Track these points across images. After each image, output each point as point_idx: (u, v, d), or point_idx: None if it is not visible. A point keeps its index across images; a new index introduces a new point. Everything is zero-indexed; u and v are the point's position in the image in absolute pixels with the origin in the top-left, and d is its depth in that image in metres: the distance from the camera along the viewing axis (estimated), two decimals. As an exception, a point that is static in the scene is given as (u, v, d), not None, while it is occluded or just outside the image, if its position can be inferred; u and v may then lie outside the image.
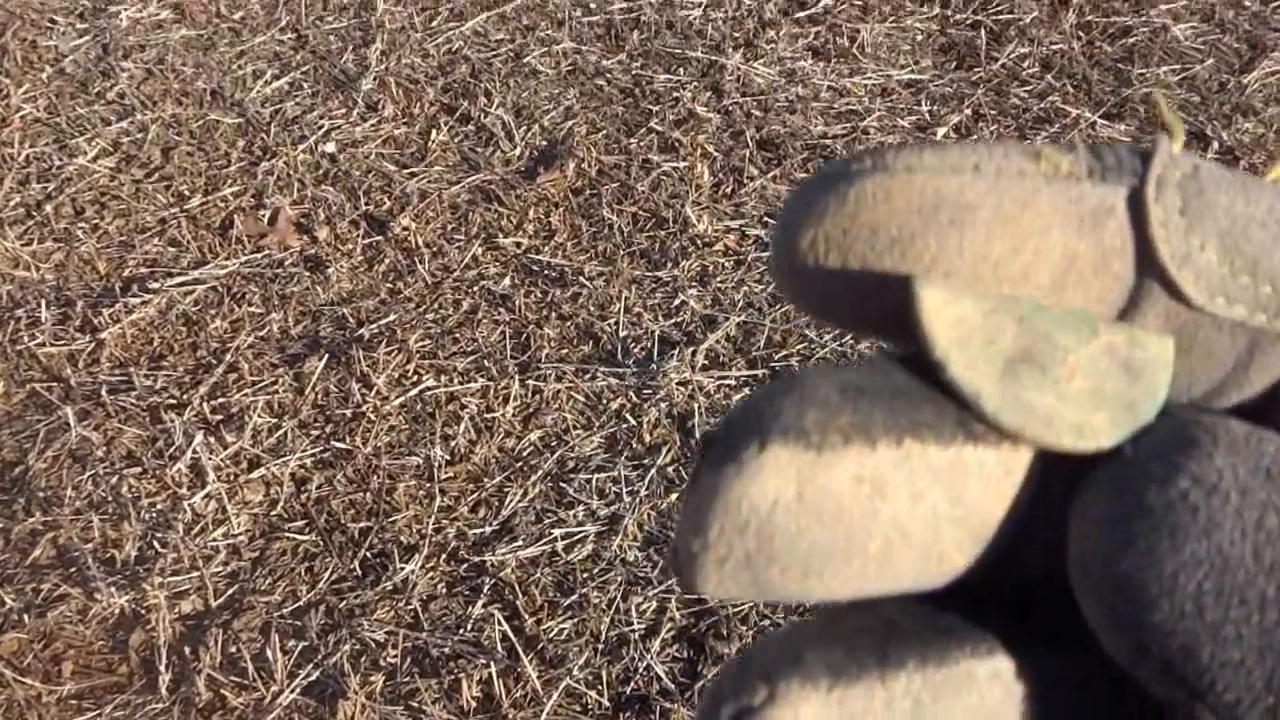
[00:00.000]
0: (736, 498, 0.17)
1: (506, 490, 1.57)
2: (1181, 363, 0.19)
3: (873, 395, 0.18)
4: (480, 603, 1.45)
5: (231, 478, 1.61)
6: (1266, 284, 0.19)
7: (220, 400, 1.71)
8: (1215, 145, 2.09)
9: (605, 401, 1.68)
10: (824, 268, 0.19)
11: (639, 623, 1.42)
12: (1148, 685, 0.17)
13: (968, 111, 2.18)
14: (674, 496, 1.55)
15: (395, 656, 1.40)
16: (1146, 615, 0.16)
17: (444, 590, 1.47)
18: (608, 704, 1.36)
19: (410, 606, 1.45)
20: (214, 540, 1.54)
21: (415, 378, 1.72)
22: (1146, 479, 0.17)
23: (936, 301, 0.18)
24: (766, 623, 1.41)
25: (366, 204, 2.01)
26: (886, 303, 0.19)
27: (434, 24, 2.39)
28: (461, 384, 1.71)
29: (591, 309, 1.81)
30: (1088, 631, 0.18)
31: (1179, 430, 0.18)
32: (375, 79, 2.25)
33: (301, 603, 1.47)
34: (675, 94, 2.20)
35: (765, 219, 1.96)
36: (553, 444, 1.63)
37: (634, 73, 2.26)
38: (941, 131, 2.13)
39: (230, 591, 1.49)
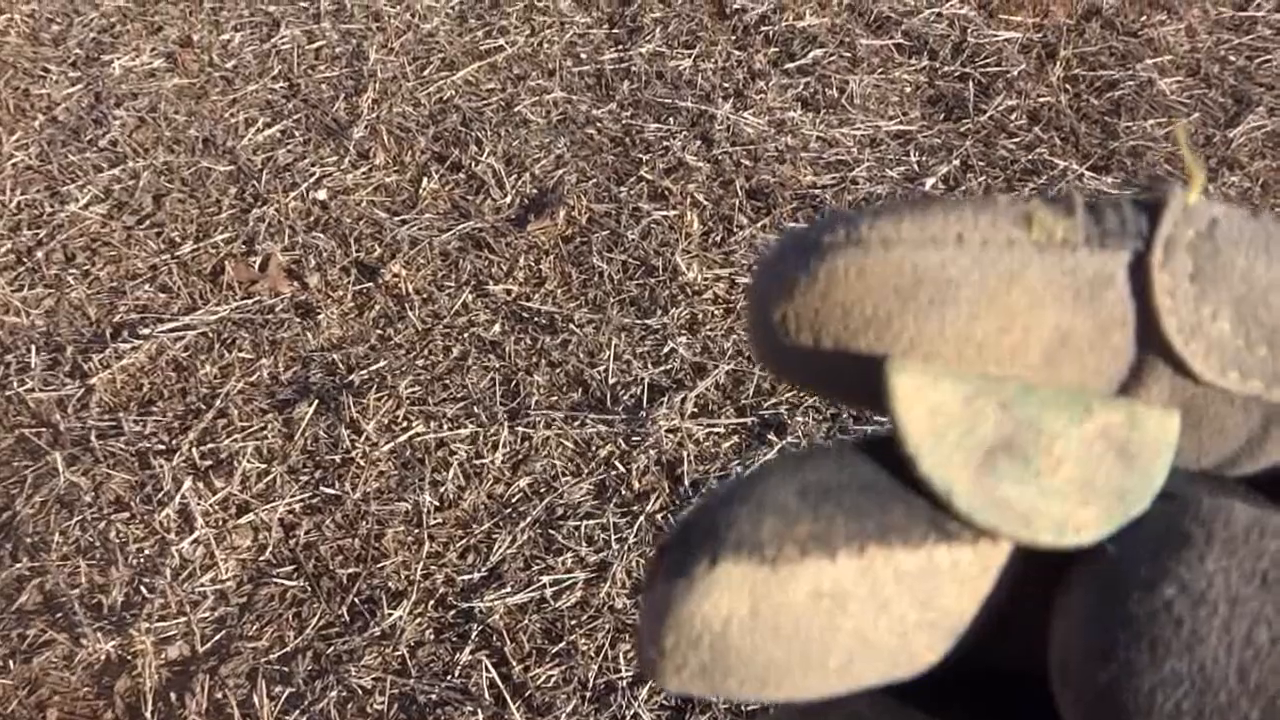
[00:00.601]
0: (689, 614, 0.16)
1: (495, 537, 1.57)
2: (1189, 437, 0.18)
3: (836, 497, 0.17)
4: (468, 649, 1.44)
5: (220, 523, 1.61)
6: None
7: (209, 445, 1.71)
8: (1198, 196, 2.12)
9: (594, 448, 1.68)
10: (795, 344, 0.18)
11: (627, 670, 1.42)
12: None
13: (956, 162, 2.21)
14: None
15: (382, 703, 1.39)
16: None
17: (432, 636, 1.47)
18: (596, 752, 1.35)
19: (398, 653, 1.44)
20: (202, 586, 1.53)
21: (405, 424, 1.72)
22: (1130, 584, 0.16)
23: (910, 388, 0.17)
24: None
25: (357, 251, 2.02)
26: (864, 381, 0.18)
27: (425, 73, 2.42)
28: (451, 430, 1.71)
29: (581, 356, 1.82)
30: None
31: (1172, 524, 0.16)
32: (367, 127, 2.27)
33: (289, 649, 1.46)
34: (665, 143, 2.23)
35: (754, 267, 1.97)
36: (541, 491, 1.63)
37: (624, 122, 2.29)
38: (930, 182, 2.15)
39: (217, 637, 1.48)
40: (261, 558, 1.57)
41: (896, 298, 0.17)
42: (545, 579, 1.51)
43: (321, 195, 2.14)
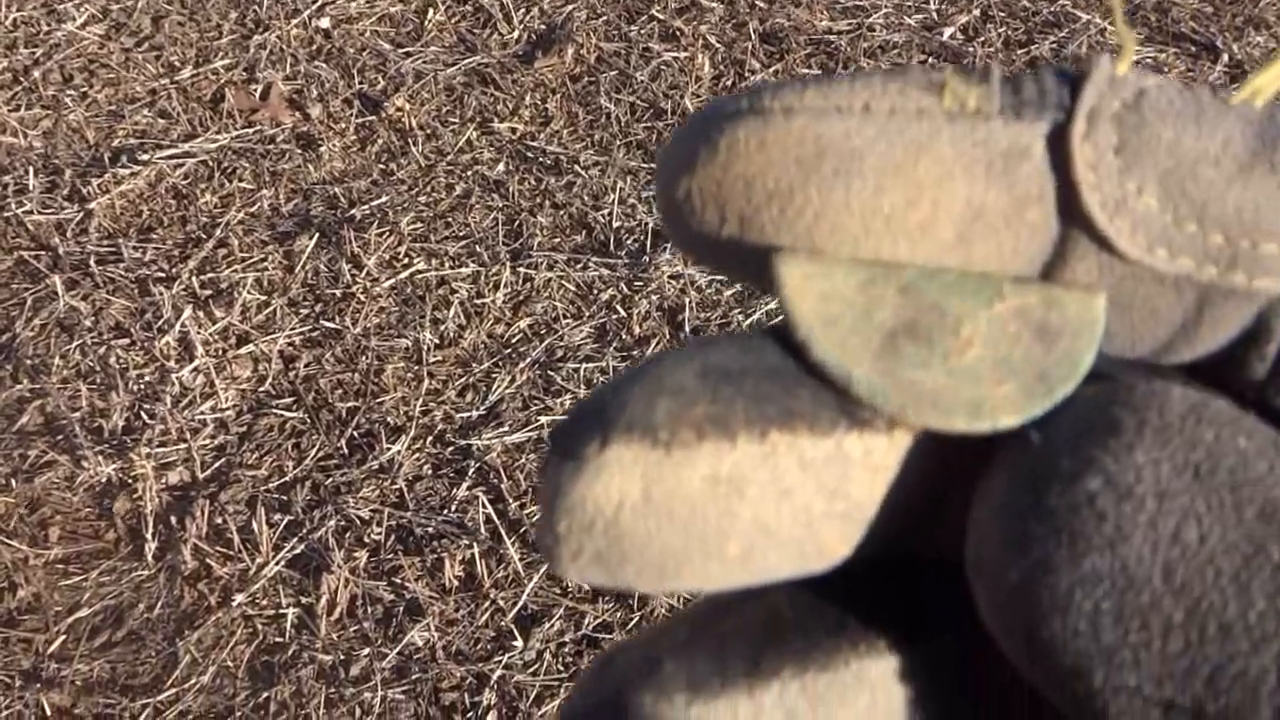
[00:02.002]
0: (579, 497, 0.16)
1: (494, 376, 1.58)
2: (1120, 321, 0.17)
3: (739, 380, 0.16)
4: (465, 485, 1.46)
5: (220, 353, 1.61)
6: (1217, 232, 0.16)
7: (209, 275, 1.70)
8: (1225, 58, 2.06)
9: (596, 292, 1.67)
10: (701, 222, 0.17)
11: (621, 510, 1.44)
12: (1044, 694, 0.15)
13: (976, 12, 2.14)
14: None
15: (379, 534, 1.42)
16: (1037, 629, 0.15)
17: (429, 471, 1.49)
18: (587, 588, 1.38)
19: (395, 486, 1.46)
20: (201, 414, 1.54)
21: (406, 260, 1.71)
22: (1051, 474, 0.15)
23: (800, 276, 0.16)
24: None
25: (360, 83, 1.98)
26: (768, 265, 0.17)
27: (434, -101, 2.33)
28: (452, 268, 1.70)
29: (585, 198, 1.80)
30: None
31: (1101, 409, 0.15)
32: (372, -46, 2.20)
33: (288, 478, 1.48)
34: (679, -18, 2.16)
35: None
36: (542, 332, 1.63)
37: (638, -42, 2.21)
38: (949, 32, 2.09)
39: (217, 464, 1.50)
40: (261, 388, 1.58)
41: (799, 169, 0.16)
42: (543, 419, 1.52)
43: (324, 23, 2.08)
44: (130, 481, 1.47)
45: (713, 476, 0.15)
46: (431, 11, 2.10)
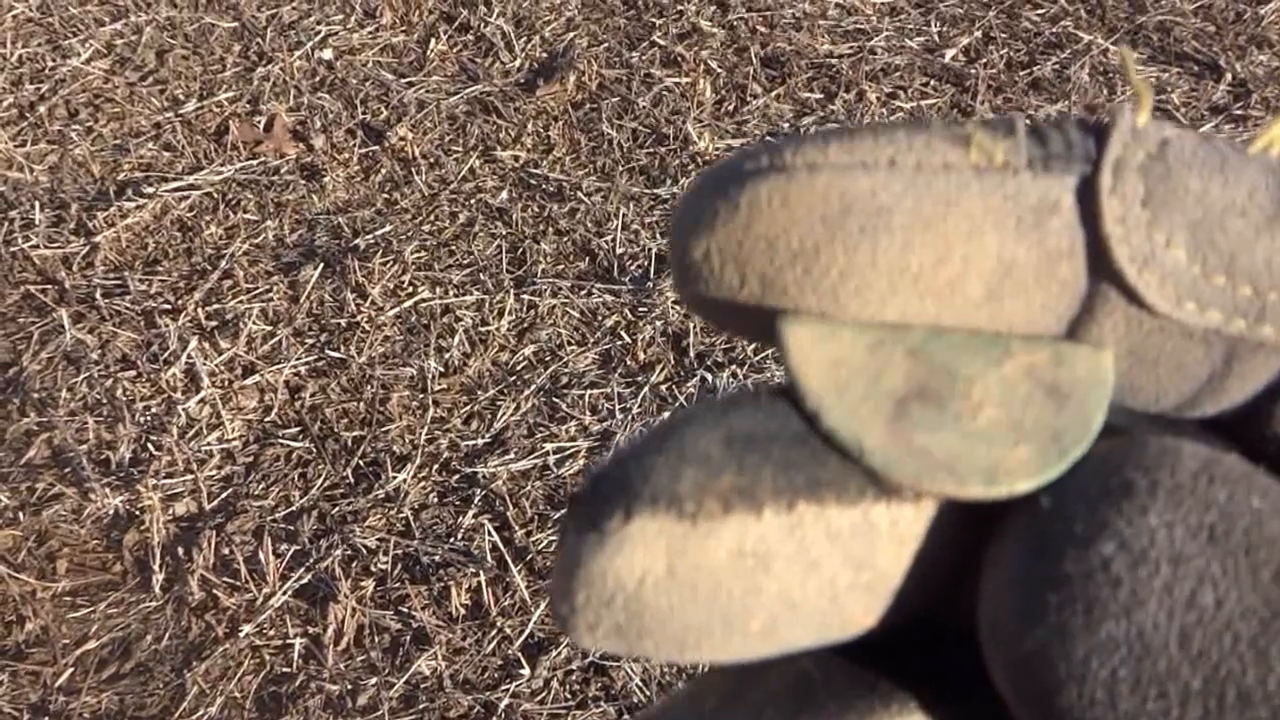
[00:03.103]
0: (600, 571, 0.15)
1: (499, 403, 1.58)
2: (1147, 376, 0.17)
3: (765, 447, 0.15)
4: (471, 513, 1.46)
5: (226, 383, 1.61)
6: (1246, 284, 0.16)
7: (215, 306, 1.70)
8: (1229, 77, 2.06)
9: (600, 318, 1.67)
10: (719, 282, 0.16)
11: (628, 536, 1.44)
12: None
13: (978, 34, 2.15)
14: (665, 414, 1.55)
15: (386, 563, 1.42)
16: (1053, 699, 0.14)
17: (435, 500, 1.49)
18: (595, 614, 1.37)
19: (402, 515, 1.46)
20: (208, 444, 1.54)
21: (410, 289, 1.72)
22: (1065, 539, 0.15)
23: (807, 340, 0.16)
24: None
25: (363, 113, 1.99)
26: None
27: (436, -70, 2.35)
28: (457, 296, 1.71)
29: (589, 225, 1.80)
30: None
31: (1114, 470, 0.15)
32: (375, -15, 2.21)
33: (294, 508, 1.48)
34: (679, 7, 2.17)
35: (767, 137, 1.94)
36: (546, 359, 1.63)
37: (638, -15, 2.22)
38: (950, 54, 2.10)
39: (224, 495, 1.50)
40: (267, 418, 1.58)
41: (824, 227, 0.16)
42: (548, 446, 1.52)
43: (327, 55, 2.10)
44: (137, 513, 1.47)
45: (739, 550, 0.15)
46: (433, 41, 2.11)
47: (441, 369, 1.62)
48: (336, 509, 1.48)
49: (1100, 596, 0.14)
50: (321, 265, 1.74)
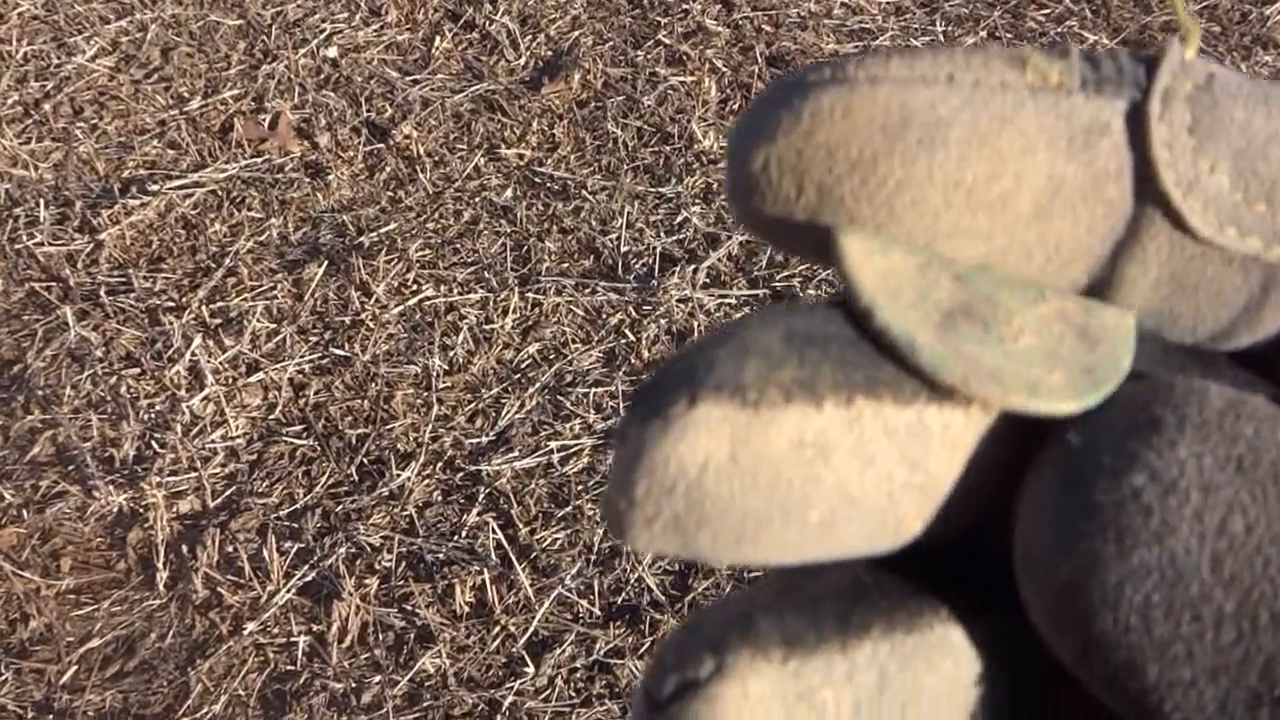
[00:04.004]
0: (663, 457, 0.15)
1: (504, 401, 1.58)
2: (1186, 302, 0.17)
3: (824, 346, 0.16)
4: (475, 511, 1.46)
5: (230, 381, 1.61)
6: None
7: (219, 304, 1.70)
8: (1230, 74, 2.06)
9: (605, 316, 1.67)
10: (776, 193, 0.17)
11: (632, 535, 1.43)
12: (1098, 696, 0.15)
13: (983, 33, 2.15)
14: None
15: (390, 560, 1.42)
16: (1088, 626, 0.15)
17: (439, 498, 1.48)
18: (599, 613, 1.37)
19: (406, 512, 1.46)
20: (212, 442, 1.54)
21: (415, 287, 1.72)
22: (1097, 470, 0.15)
23: (861, 250, 0.16)
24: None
25: (368, 111, 1.99)
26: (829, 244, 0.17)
27: (440, -72, 2.35)
28: (461, 294, 1.70)
29: (593, 223, 1.80)
30: None
31: (1142, 407, 0.15)
32: (380, -17, 2.21)
33: (298, 506, 1.48)
34: (685, 6, 2.17)
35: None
36: (551, 357, 1.63)
37: (643, -16, 2.22)
38: (953, 53, 2.10)
39: (228, 493, 1.50)
40: (271, 416, 1.58)
41: (883, 137, 0.16)
42: (553, 444, 1.52)
43: (332, 53, 2.10)
44: (141, 511, 1.47)
45: (799, 440, 0.15)
46: (438, 39, 2.11)
47: (446, 367, 1.62)
48: (341, 507, 1.47)
49: (1132, 525, 0.14)
50: (326, 263, 1.74)
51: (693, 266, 1.72)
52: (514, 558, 1.41)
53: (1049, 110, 0.16)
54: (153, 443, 1.54)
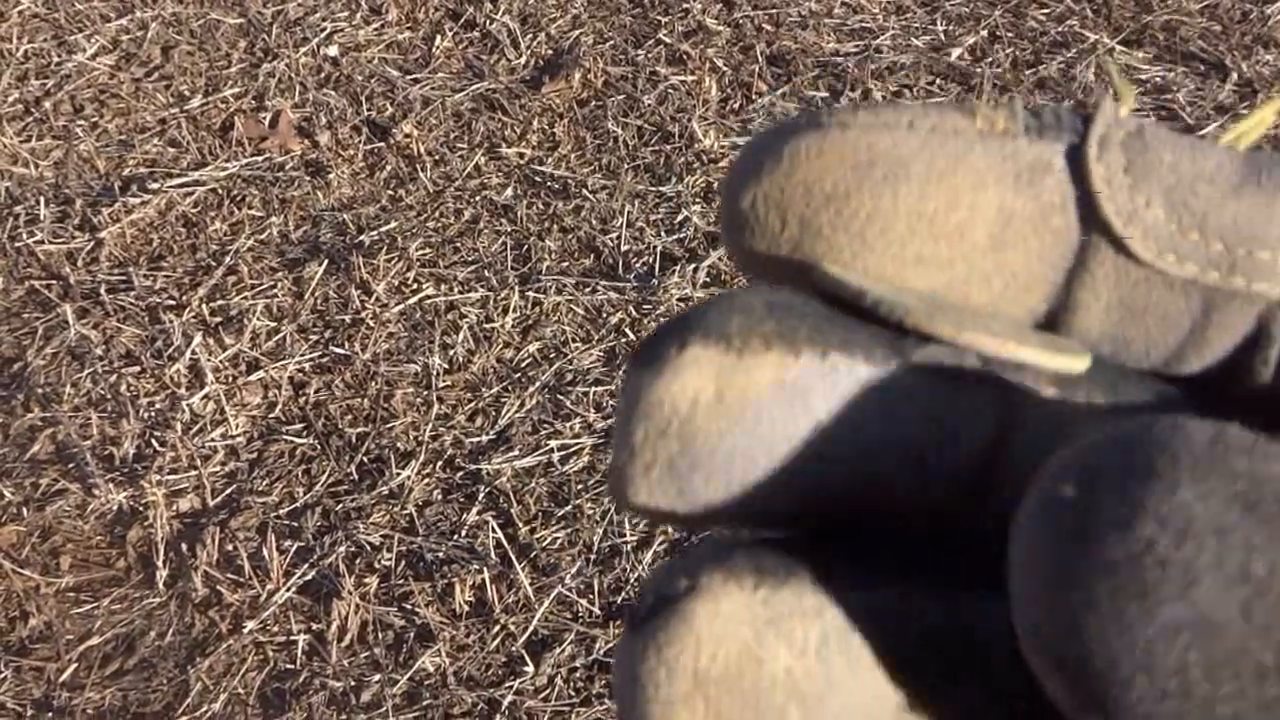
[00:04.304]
0: (658, 397, 0.17)
1: (504, 400, 1.58)
2: (1136, 326, 0.19)
3: (800, 312, 0.17)
4: (475, 510, 1.46)
5: (230, 379, 1.61)
6: (1217, 241, 0.18)
7: (219, 302, 1.70)
8: (1234, 76, 2.06)
9: (605, 315, 1.67)
10: (763, 228, 0.19)
11: (631, 535, 1.43)
12: None
13: (984, 33, 2.15)
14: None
15: (390, 559, 1.42)
16: (1121, 694, 0.14)
17: (439, 497, 1.48)
18: (598, 612, 1.37)
19: (406, 511, 1.46)
20: (212, 440, 1.54)
21: (415, 286, 1.71)
22: (1100, 524, 0.14)
23: (839, 272, 0.18)
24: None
25: (369, 109, 1.99)
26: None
27: (441, -73, 2.35)
28: (461, 293, 1.70)
29: (594, 222, 1.80)
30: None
31: (1129, 452, 0.15)
32: (380, -18, 2.21)
33: (298, 504, 1.48)
34: (685, 5, 2.17)
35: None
36: (551, 356, 1.63)
37: (644, -17, 2.22)
38: (956, 53, 2.10)
39: (228, 491, 1.50)
40: (271, 415, 1.58)
41: (854, 174, 0.18)
42: (553, 443, 1.52)
43: (333, 51, 2.10)
44: (141, 509, 1.47)
45: (779, 381, 0.17)
46: (439, 38, 2.11)
47: (446, 366, 1.62)
48: (340, 505, 1.47)
49: (1151, 579, 0.14)
50: (326, 262, 1.74)
51: (693, 265, 1.72)
52: (514, 557, 1.41)
53: (997, 151, 0.18)
54: (153, 441, 1.54)
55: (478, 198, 1.84)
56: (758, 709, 0.17)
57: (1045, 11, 2.19)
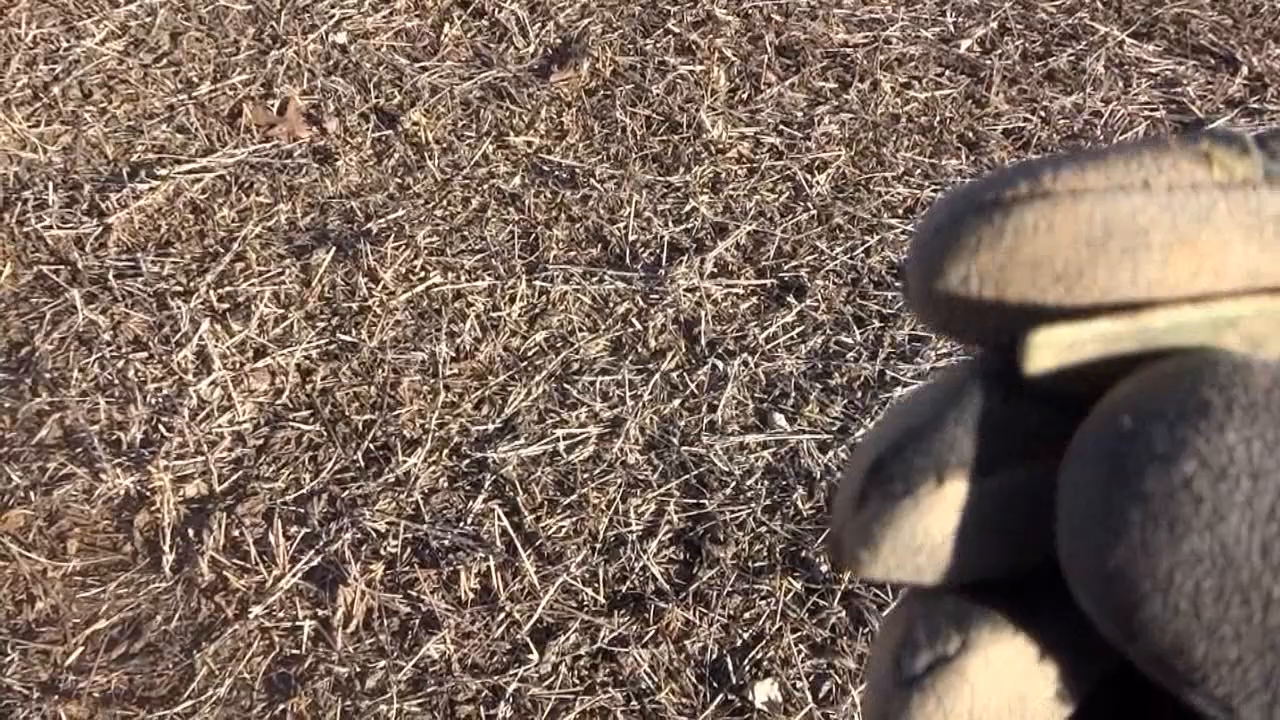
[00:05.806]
0: (910, 526, 0.18)
1: (510, 389, 1.58)
2: None
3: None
4: (481, 498, 1.46)
5: (237, 366, 1.61)
6: None
7: (227, 289, 1.71)
8: (1245, 70, 2.05)
9: (612, 305, 1.67)
10: (975, 305, 0.18)
11: (637, 524, 1.44)
12: (1139, 667, 0.16)
13: (993, 24, 2.14)
14: (676, 402, 1.55)
15: (395, 546, 1.42)
16: (1137, 610, 0.15)
17: (445, 484, 1.49)
18: (603, 601, 1.37)
19: (412, 499, 1.46)
20: (219, 426, 1.55)
21: (422, 274, 1.72)
22: (1146, 458, 0.15)
23: (1047, 347, 0.18)
24: (764, 529, 1.42)
25: (377, 97, 1.99)
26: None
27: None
28: (468, 282, 1.71)
29: (601, 212, 1.80)
30: None
31: (1189, 389, 0.16)
32: (389, -31, 2.21)
33: (304, 491, 1.48)
34: (694, -4, 2.16)
35: (781, 126, 1.93)
36: (558, 345, 1.63)
37: (653, -28, 2.22)
38: (965, 44, 2.09)
39: (234, 477, 1.50)
40: (278, 401, 1.58)
41: (1089, 250, 0.17)
42: (559, 432, 1.52)
43: (341, 38, 2.09)
44: (148, 494, 1.48)
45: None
46: (447, 26, 2.11)
47: (453, 354, 1.62)
48: (347, 492, 1.48)
49: (1183, 513, 0.15)
50: (334, 249, 1.74)
51: (700, 256, 1.72)
52: (519, 545, 1.41)
53: (1240, 206, 0.17)
54: (160, 426, 1.55)
55: (485, 186, 1.84)
56: None
57: (1055, 4, 2.18)
